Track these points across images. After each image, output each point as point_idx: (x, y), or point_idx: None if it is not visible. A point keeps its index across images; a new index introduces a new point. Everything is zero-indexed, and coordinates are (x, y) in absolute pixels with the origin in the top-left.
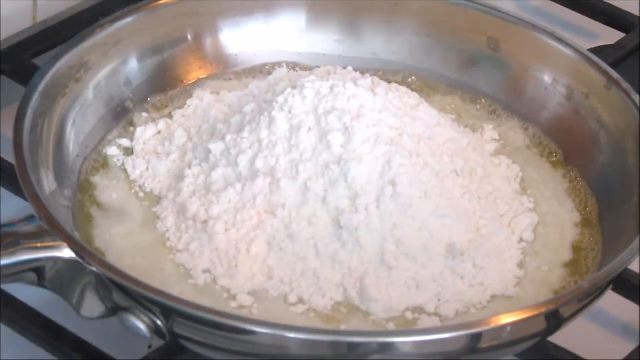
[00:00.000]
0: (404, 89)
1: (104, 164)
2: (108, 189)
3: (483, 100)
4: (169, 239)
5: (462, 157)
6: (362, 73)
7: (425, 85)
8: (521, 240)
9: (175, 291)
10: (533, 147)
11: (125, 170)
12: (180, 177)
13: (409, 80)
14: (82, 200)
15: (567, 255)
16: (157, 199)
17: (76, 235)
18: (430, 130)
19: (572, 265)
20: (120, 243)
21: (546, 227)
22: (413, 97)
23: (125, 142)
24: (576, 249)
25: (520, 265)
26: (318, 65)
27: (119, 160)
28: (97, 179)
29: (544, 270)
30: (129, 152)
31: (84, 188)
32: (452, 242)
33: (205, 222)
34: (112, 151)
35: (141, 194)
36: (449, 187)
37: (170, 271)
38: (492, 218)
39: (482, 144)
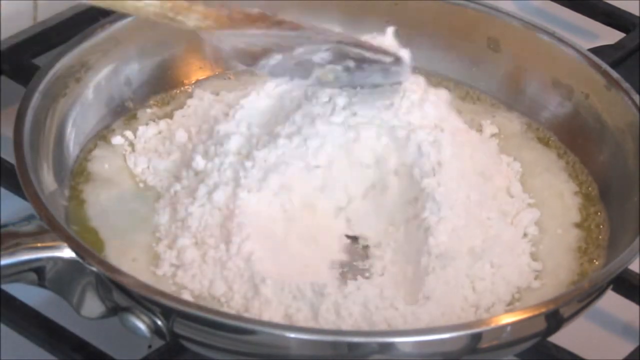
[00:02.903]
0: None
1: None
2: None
3: (483, 101)
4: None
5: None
6: None
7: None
8: (525, 235)
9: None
10: (538, 145)
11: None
12: (179, 177)
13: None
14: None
15: (573, 241)
16: (158, 194)
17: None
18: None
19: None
20: (120, 241)
21: (548, 222)
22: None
23: (124, 141)
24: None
25: (535, 257)
26: None
27: (125, 150)
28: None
29: (557, 259)
30: (132, 147)
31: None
32: (471, 246)
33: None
34: (117, 140)
35: (141, 185)
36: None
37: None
38: (497, 217)
39: (485, 142)
